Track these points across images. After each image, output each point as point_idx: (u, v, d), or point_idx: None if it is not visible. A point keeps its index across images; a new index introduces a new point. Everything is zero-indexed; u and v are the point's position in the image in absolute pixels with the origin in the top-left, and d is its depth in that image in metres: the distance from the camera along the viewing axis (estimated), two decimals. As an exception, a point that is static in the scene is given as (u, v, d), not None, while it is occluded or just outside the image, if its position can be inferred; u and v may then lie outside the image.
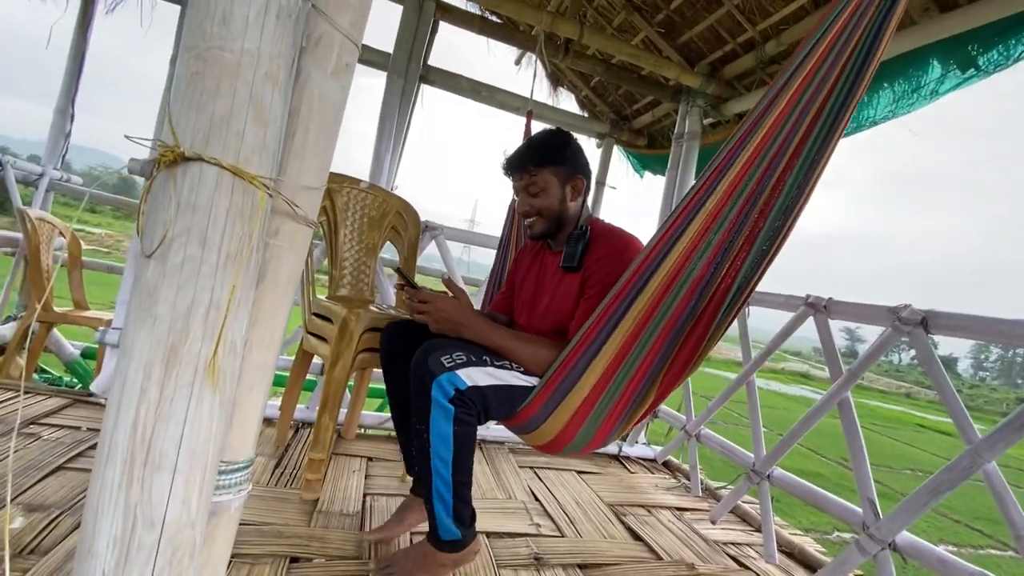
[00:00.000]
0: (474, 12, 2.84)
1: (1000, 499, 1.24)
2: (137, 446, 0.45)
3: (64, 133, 2.98)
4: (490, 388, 1.06)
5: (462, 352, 1.07)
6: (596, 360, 1.06)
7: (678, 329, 1.04)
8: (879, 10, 0.89)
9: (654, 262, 1.03)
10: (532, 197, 1.27)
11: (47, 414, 1.76)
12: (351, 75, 0.60)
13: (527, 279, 1.43)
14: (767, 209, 0.97)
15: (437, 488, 1.05)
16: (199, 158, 0.45)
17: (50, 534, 1.14)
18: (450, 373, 1.01)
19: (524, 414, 1.12)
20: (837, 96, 0.92)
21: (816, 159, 0.93)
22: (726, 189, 0.98)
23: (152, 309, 0.45)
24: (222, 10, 0.46)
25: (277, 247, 0.56)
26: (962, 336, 1.40)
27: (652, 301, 1.02)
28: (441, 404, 1.01)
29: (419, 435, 1.04)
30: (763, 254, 0.98)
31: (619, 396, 1.10)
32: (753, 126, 0.97)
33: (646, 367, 1.07)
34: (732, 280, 1.00)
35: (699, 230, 0.99)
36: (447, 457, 1.03)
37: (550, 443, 1.18)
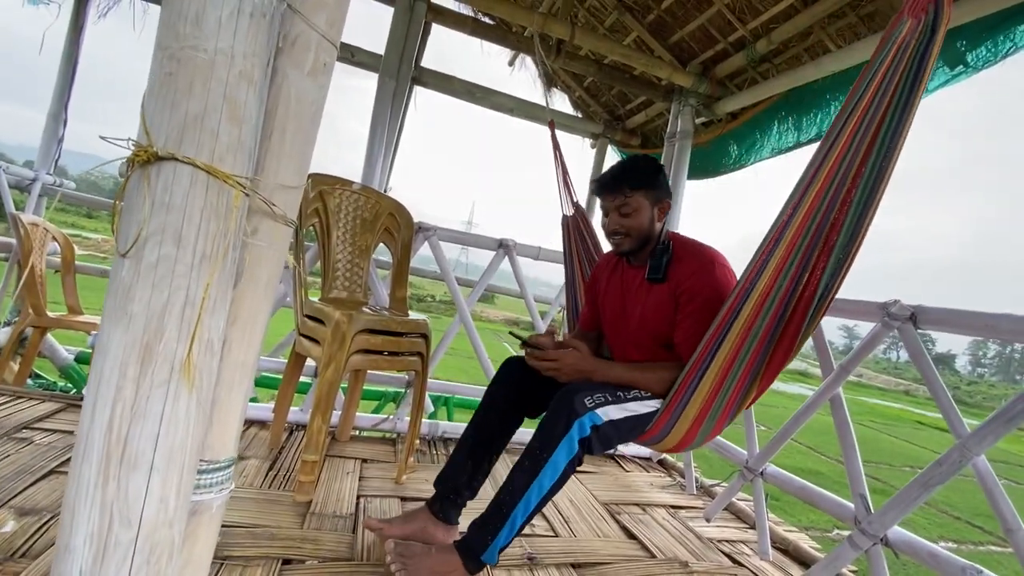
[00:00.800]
0: (466, 14, 2.85)
1: (990, 493, 1.25)
2: (113, 444, 0.45)
3: (57, 138, 2.98)
4: (623, 420, 1.19)
5: (601, 393, 1.19)
6: (706, 376, 1.18)
7: (772, 333, 1.15)
8: (920, 41, 0.98)
9: (752, 283, 1.14)
10: (624, 217, 1.37)
11: (40, 419, 1.75)
12: (329, 75, 0.60)
13: (609, 294, 1.53)
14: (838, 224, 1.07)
15: (516, 512, 1.14)
16: (173, 157, 0.46)
17: (41, 538, 1.14)
18: (592, 412, 1.14)
19: (651, 432, 1.26)
20: (890, 123, 1.01)
21: (877, 181, 1.03)
22: (805, 213, 1.09)
23: (127, 308, 0.46)
24: (195, 11, 0.47)
25: (256, 246, 0.56)
26: (950, 331, 1.40)
27: (750, 318, 1.14)
28: (572, 440, 1.12)
29: (534, 459, 1.14)
30: (840, 262, 1.08)
31: (728, 400, 1.22)
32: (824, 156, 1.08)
33: (747, 372, 1.19)
34: (815, 289, 1.11)
35: (785, 251, 1.11)
36: (546, 487, 1.13)
37: (675, 447, 1.33)
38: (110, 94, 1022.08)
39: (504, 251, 2.50)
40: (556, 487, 1.15)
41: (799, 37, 2.46)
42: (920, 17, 0.98)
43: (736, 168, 3.15)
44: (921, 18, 0.98)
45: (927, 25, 0.97)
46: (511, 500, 1.14)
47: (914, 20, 0.98)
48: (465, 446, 1.42)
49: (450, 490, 1.38)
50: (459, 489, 1.38)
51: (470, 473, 1.39)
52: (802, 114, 2.65)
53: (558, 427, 1.13)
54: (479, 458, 1.40)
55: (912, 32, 0.98)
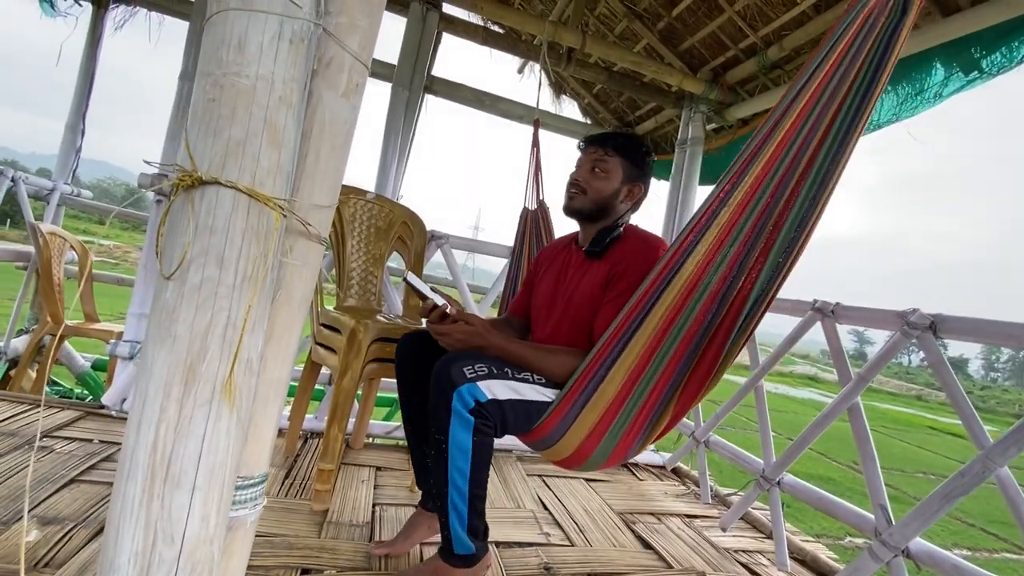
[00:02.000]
0: (477, 23, 2.87)
1: (1014, 504, 1.23)
2: (157, 464, 0.46)
3: (75, 148, 3.03)
4: (509, 402, 1.06)
5: (484, 364, 1.07)
6: (613, 372, 1.05)
7: (696, 342, 1.03)
8: (889, 20, 0.90)
9: (671, 271, 1.03)
10: (591, 173, 1.28)
11: (59, 427, 1.77)
12: (361, 95, 0.61)
13: (546, 276, 1.41)
14: (781, 221, 0.97)
15: (453, 500, 1.05)
16: (216, 182, 0.47)
17: (64, 547, 1.15)
18: (471, 384, 1.02)
19: (542, 429, 1.12)
20: (849, 107, 0.92)
21: (830, 170, 0.93)
22: (740, 200, 0.99)
23: (171, 329, 0.47)
24: (237, 37, 0.48)
25: (291, 265, 0.57)
26: (971, 340, 1.39)
27: (670, 312, 1.02)
28: (461, 415, 1.01)
29: (437, 445, 1.04)
30: (779, 266, 0.98)
31: (637, 412, 1.08)
32: (766, 136, 0.97)
33: (664, 382, 1.06)
34: (748, 292, 1.00)
35: (715, 242, 1.00)
36: (465, 468, 1.03)
37: (567, 459, 1.17)
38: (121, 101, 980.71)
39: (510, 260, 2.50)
40: (478, 461, 1.04)
41: (811, 43, 2.46)
42: None
43: (747, 174, 3.14)
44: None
45: (898, 3, 0.89)
46: (441, 491, 1.06)
47: None
48: (409, 439, 1.37)
49: (424, 483, 1.37)
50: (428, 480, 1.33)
51: (424, 458, 1.29)
52: (813, 120, 2.65)
53: (440, 405, 1.02)
54: (421, 442, 1.33)
55: (882, 6, 0.89)
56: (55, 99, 65.76)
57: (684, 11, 2.80)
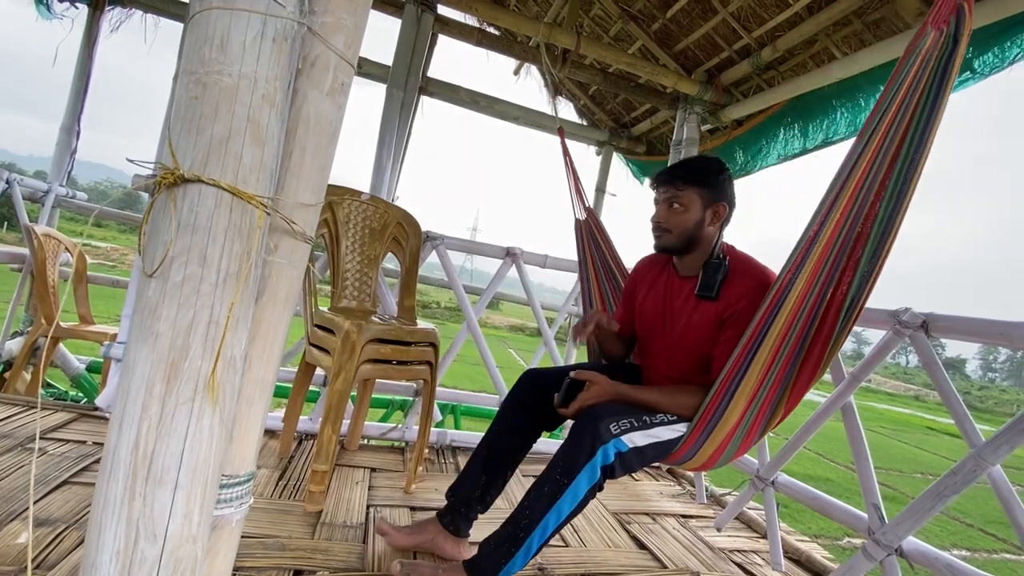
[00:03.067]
0: (472, 24, 2.88)
1: (1006, 503, 1.23)
2: (139, 462, 0.46)
3: (70, 150, 3.02)
4: (648, 446, 1.17)
5: (626, 419, 1.16)
6: (735, 398, 1.16)
7: (800, 351, 1.14)
8: (942, 53, 0.98)
9: (777, 306, 1.13)
10: (669, 210, 1.32)
11: (53, 429, 1.77)
12: (347, 94, 0.61)
13: (650, 300, 1.45)
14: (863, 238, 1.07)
15: (532, 537, 1.11)
16: (198, 179, 0.47)
17: (55, 548, 1.15)
18: (616, 439, 1.11)
19: (676, 455, 1.24)
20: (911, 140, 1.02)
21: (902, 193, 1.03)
22: (832, 228, 1.09)
23: (153, 327, 0.46)
24: (220, 35, 0.48)
25: (276, 263, 0.57)
26: (963, 339, 1.39)
27: (778, 340, 1.13)
28: (595, 467, 1.09)
29: (554, 484, 1.11)
30: (865, 277, 1.08)
31: (754, 420, 1.21)
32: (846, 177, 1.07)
33: (774, 391, 1.17)
34: (840, 304, 1.10)
35: (814, 266, 1.10)
36: (565, 513, 1.11)
37: (699, 467, 1.31)
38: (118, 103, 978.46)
39: (511, 259, 2.50)
40: (575, 513, 1.12)
41: (804, 44, 2.47)
42: (942, 29, 0.98)
43: (743, 175, 3.16)
44: (943, 29, 0.98)
45: (949, 36, 0.98)
46: (528, 525, 1.11)
47: (936, 32, 0.98)
48: (479, 459, 1.39)
49: (461, 503, 1.36)
50: (470, 502, 1.36)
51: (483, 487, 1.37)
52: (808, 121, 2.66)
53: (582, 453, 1.10)
54: (493, 472, 1.38)
55: (935, 43, 0.98)
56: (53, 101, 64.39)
57: (678, 12, 2.81)
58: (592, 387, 1.24)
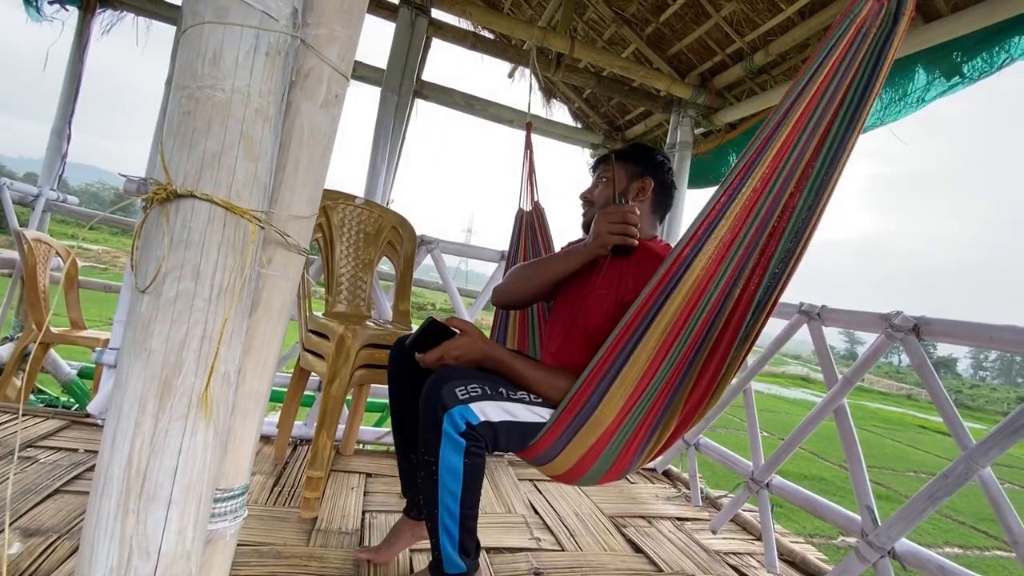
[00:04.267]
0: (467, 28, 2.88)
1: (996, 505, 1.25)
2: (132, 478, 0.46)
3: (61, 154, 3.00)
4: (502, 424, 1.02)
5: (477, 384, 1.03)
6: (611, 394, 1.01)
7: (695, 356, 1.01)
8: (881, 29, 0.92)
9: (669, 285, 0.98)
10: (595, 186, 1.31)
11: (44, 436, 1.75)
12: (341, 106, 0.61)
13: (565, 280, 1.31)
14: (778, 231, 0.96)
15: (443, 521, 1.02)
16: (191, 195, 0.47)
17: (48, 558, 1.14)
18: (463, 406, 0.99)
19: (535, 448, 1.08)
20: (843, 117, 0.93)
21: (826, 179, 0.94)
22: (739, 212, 0.96)
23: (146, 343, 0.46)
24: (212, 50, 0.48)
25: (270, 276, 0.57)
26: (954, 342, 1.41)
27: (671, 329, 0.98)
28: (452, 437, 0.98)
29: (427, 466, 1.01)
30: (776, 276, 0.97)
31: (635, 429, 1.05)
32: (761, 148, 0.96)
33: (663, 398, 1.03)
34: (749, 303, 0.98)
35: (714, 255, 0.97)
36: (456, 490, 1.00)
37: (563, 476, 1.14)
38: (110, 106, 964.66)
39: (505, 262, 2.50)
40: (470, 483, 1.00)
41: (796, 49, 2.49)
42: (883, 2, 0.90)
43: (736, 177, 3.17)
44: (884, 4, 0.90)
45: (890, 12, 0.91)
46: (431, 512, 1.04)
47: (876, 2, 0.91)
48: (398, 447, 1.34)
49: (409, 492, 1.34)
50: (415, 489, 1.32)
51: (412, 469, 1.30)
52: (800, 124, 2.68)
53: (430, 427, 0.99)
54: (408, 452, 1.31)
55: (874, 15, 0.91)
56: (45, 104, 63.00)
57: (672, 16, 2.83)
58: (461, 337, 1.11)
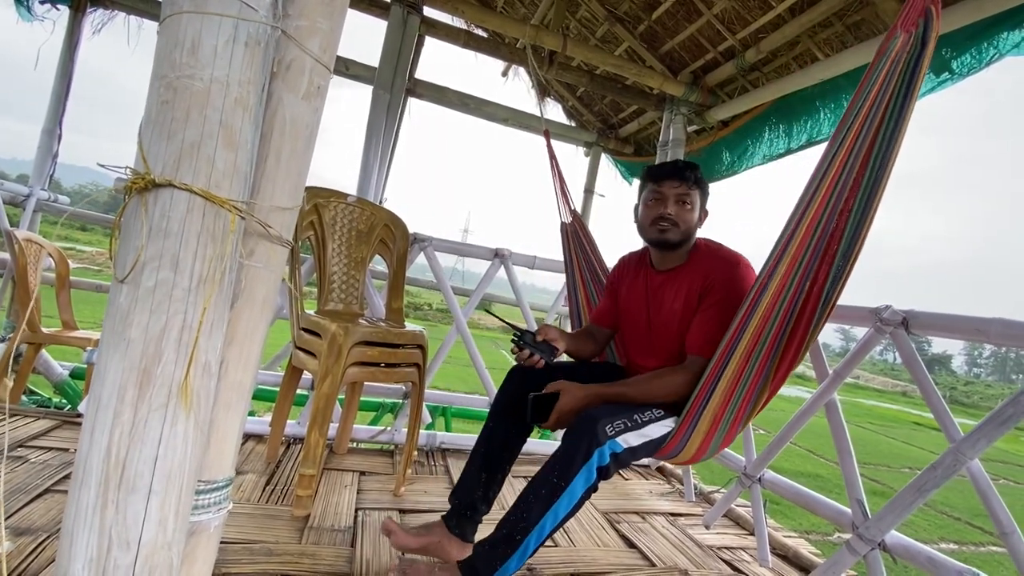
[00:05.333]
0: (459, 26, 2.88)
1: (985, 496, 1.25)
2: (111, 469, 0.46)
3: (52, 153, 2.98)
4: (640, 446, 1.20)
5: (621, 420, 1.18)
6: (718, 387, 1.20)
7: (779, 342, 1.18)
8: (911, 55, 1.01)
9: (761, 292, 1.16)
10: (682, 207, 1.37)
11: (35, 436, 1.74)
12: (323, 97, 0.61)
13: (633, 295, 1.52)
14: (837, 235, 1.12)
15: (530, 539, 1.12)
16: (170, 184, 0.46)
17: (37, 558, 1.13)
18: (612, 441, 1.13)
19: (666, 450, 1.27)
20: (882, 140, 1.05)
21: (873, 190, 1.07)
22: (808, 224, 1.13)
23: (125, 333, 0.46)
24: (191, 40, 0.47)
25: (252, 267, 0.57)
26: (941, 335, 1.42)
27: (759, 324, 1.16)
28: (591, 468, 1.11)
29: (551, 485, 1.12)
30: (839, 273, 1.12)
31: (738, 410, 1.24)
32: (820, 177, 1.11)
33: (756, 381, 1.21)
34: (819, 296, 1.14)
35: (791, 261, 1.15)
36: (561, 515, 1.12)
37: (689, 460, 1.34)
38: (104, 106, 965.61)
39: (500, 260, 2.51)
40: (571, 515, 1.14)
41: (787, 46, 2.50)
42: (911, 31, 1.01)
43: (729, 175, 3.19)
44: (912, 32, 1.01)
45: (917, 38, 1.01)
46: (525, 527, 1.12)
47: (906, 34, 1.01)
48: (477, 458, 1.40)
49: (466, 505, 1.35)
50: (475, 503, 1.35)
51: (484, 485, 1.37)
52: (792, 121, 2.69)
53: (578, 455, 1.12)
54: (492, 470, 1.39)
55: (904, 45, 1.01)
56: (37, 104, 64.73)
57: (664, 14, 2.83)
58: (564, 397, 1.27)
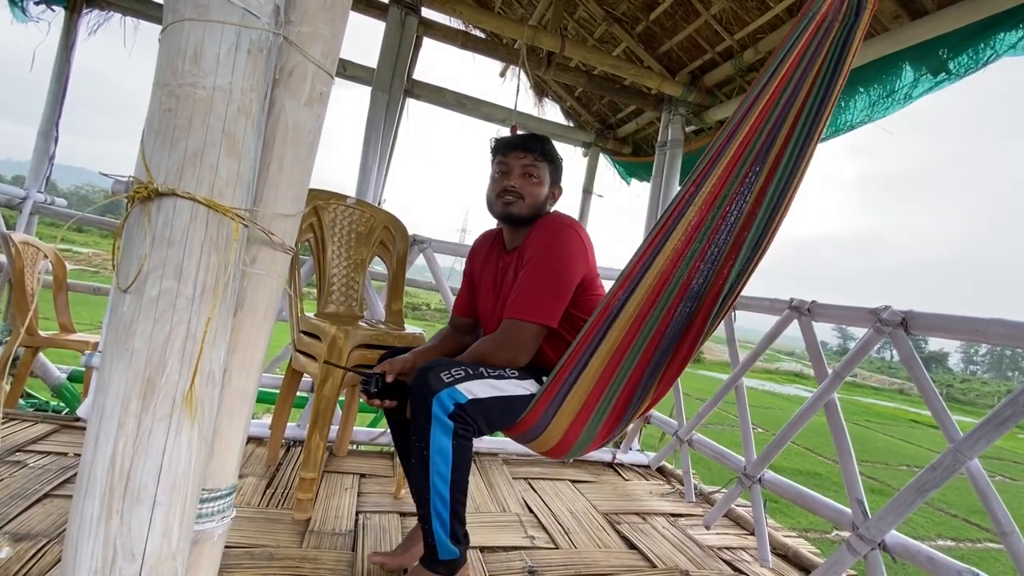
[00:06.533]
0: (457, 27, 2.87)
1: (983, 496, 1.26)
2: (116, 479, 0.45)
3: (48, 155, 2.97)
4: (491, 399, 1.08)
5: (460, 367, 1.09)
6: (592, 362, 1.08)
7: (672, 332, 1.09)
8: (844, 24, 0.94)
9: (644, 266, 1.05)
10: (528, 179, 1.29)
11: (33, 440, 1.74)
12: (326, 104, 0.61)
13: (484, 277, 1.41)
14: (751, 218, 1.02)
15: (435, 506, 1.07)
16: (173, 193, 0.46)
17: (37, 563, 1.13)
18: (451, 388, 1.04)
19: (526, 422, 1.14)
20: (811, 106, 0.96)
21: (794, 170, 0.98)
22: (705, 200, 1.02)
23: (128, 343, 0.46)
24: (193, 48, 0.47)
25: (255, 275, 0.57)
26: (941, 335, 1.42)
27: (644, 304, 1.06)
28: (441, 420, 1.03)
29: (418, 452, 1.06)
30: (749, 260, 1.04)
31: (617, 398, 1.13)
32: (728, 138, 0.99)
33: (642, 369, 1.11)
34: (721, 286, 1.05)
35: (683, 239, 1.03)
36: (446, 473, 1.05)
37: (553, 449, 1.21)
38: (100, 107, 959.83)
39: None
40: (459, 465, 1.05)
41: (785, 46, 2.50)
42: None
43: (727, 175, 3.18)
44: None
45: (852, 7, 0.93)
46: (421, 498, 1.08)
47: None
48: (398, 451, 1.39)
49: None
50: None
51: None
52: (790, 121, 2.69)
53: (420, 413, 1.04)
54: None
55: (835, 10, 0.93)
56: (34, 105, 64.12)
57: (662, 15, 2.83)
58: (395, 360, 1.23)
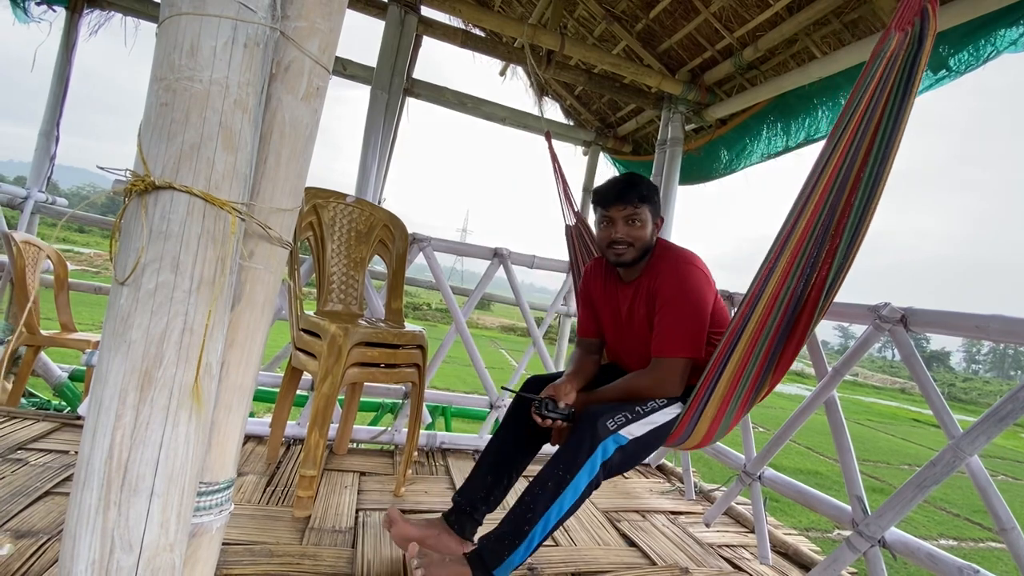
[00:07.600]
0: (457, 26, 2.88)
1: (984, 493, 1.26)
2: (113, 471, 0.46)
3: (49, 156, 2.98)
4: (647, 435, 1.25)
5: (622, 413, 1.24)
6: (723, 376, 1.24)
7: (783, 331, 1.23)
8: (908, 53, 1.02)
9: (762, 287, 1.20)
10: (632, 226, 1.41)
11: (35, 438, 1.74)
12: (323, 99, 0.61)
13: (606, 309, 1.57)
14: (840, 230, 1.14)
15: (535, 531, 1.16)
16: (170, 186, 0.46)
17: (38, 560, 1.13)
18: (615, 435, 1.19)
19: (673, 436, 1.32)
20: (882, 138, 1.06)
21: (874, 187, 1.08)
22: (808, 220, 1.15)
23: (126, 335, 0.46)
24: (190, 42, 0.47)
25: (252, 269, 0.57)
26: (940, 332, 1.42)
27: (762, 317, 1.20)
28: (594, 463, 1.17)
29: (556, 477, 1.17)
30: (841, 267, 1.15)
31: (743, 397, 1.29)
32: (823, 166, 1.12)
33: (760, 369, 1.26)
34: (821, 288, 1.18)
35: (791, 256, 1.18)
36: (566, 507, 1.17)
37: (698, 444, 1.40)
38: (101, 107, 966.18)
39: (499, 260, 2.51)
40: (574, 508, 1.18)
41: (785, 44, 2.50)
42: (907, 30, 1.01)
43: (727, 173, 3.19)
44: (908, 31, 1.01)
45: (914, 37, 1.01)
46: (531, 519, 1.16)
47: (901, 33, 1.02)
48: (486, 462, 1.45)
49: (467, 503, 1.39)
50: (476, 503, 1.39)
51: (488, 488, 1.41)
52: (790, 119, 2.69)
53: (582, 450, 1.17)
54: (498, 476, 1.42)
55: (900, 45, 1.02)
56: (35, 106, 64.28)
57: (661, 13, 2.83)
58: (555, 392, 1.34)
